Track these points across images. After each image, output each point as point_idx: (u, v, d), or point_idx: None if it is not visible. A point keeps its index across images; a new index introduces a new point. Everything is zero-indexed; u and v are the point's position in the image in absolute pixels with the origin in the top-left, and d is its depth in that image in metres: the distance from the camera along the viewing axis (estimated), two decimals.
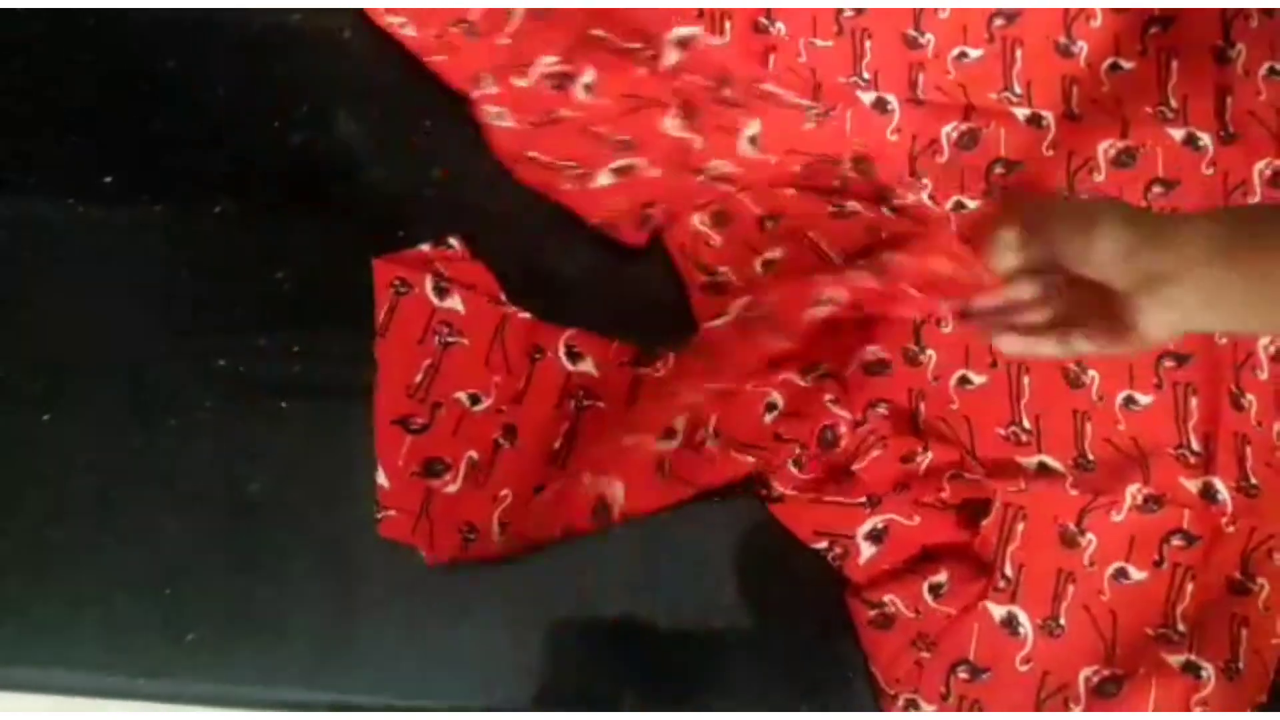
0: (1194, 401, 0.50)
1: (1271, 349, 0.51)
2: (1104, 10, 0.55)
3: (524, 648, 0.49)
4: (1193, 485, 0.49)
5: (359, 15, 0.55)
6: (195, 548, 0.49)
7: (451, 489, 0.50)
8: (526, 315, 0.52)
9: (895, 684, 0.48)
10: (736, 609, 0.50)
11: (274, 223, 0.53)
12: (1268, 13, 0.54)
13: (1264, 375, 0.51)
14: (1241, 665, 0.47)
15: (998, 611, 0.48)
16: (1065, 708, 0.47)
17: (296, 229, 0.53)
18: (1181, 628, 0.48)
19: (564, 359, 0.52)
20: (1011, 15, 0.55)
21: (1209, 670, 0.47)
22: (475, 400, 0.51)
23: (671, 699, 0.49)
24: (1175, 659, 0.47)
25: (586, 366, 0.52)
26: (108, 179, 0.53)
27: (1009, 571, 0.49)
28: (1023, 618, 0.48)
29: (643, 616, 0.49)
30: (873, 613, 0.49)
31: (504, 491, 0.50)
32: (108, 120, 0.53)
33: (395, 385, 0.50)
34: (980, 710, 0.48)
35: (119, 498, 0.49)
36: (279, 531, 0.50)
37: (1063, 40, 0.55)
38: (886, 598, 0.48)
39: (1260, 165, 0.53)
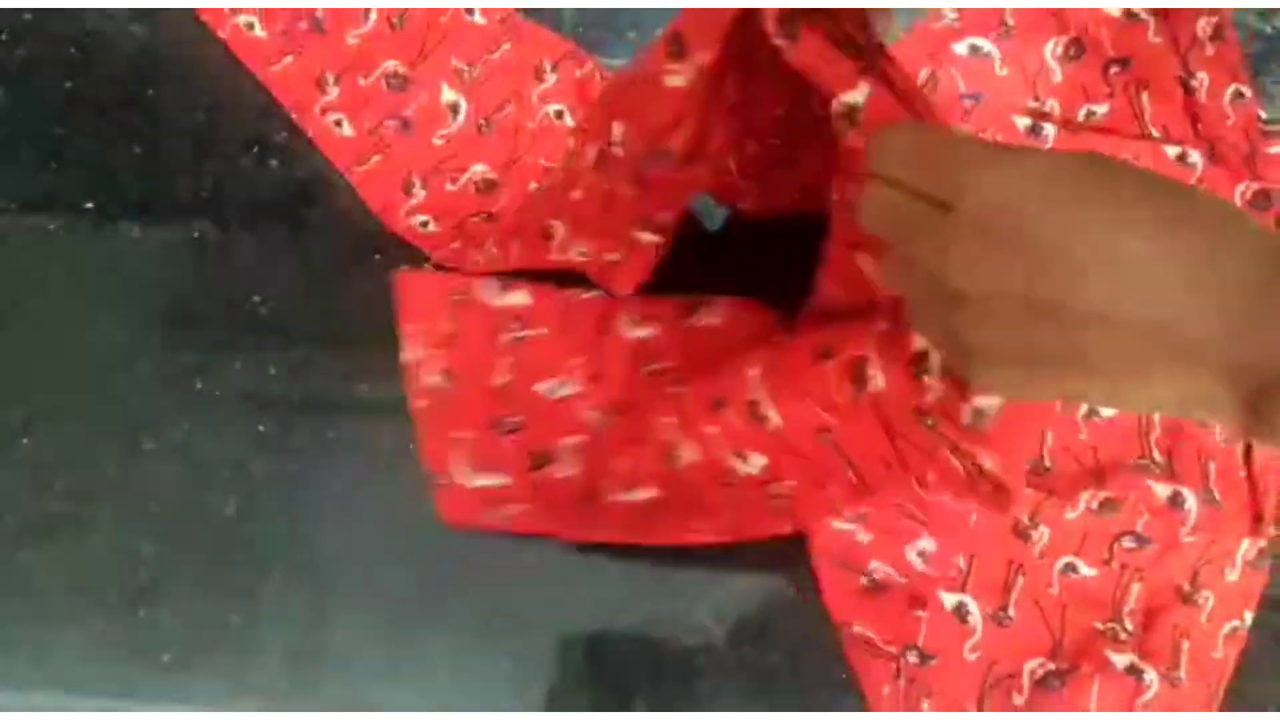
0: (1157, 414, 0.51)
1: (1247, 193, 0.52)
2: (1059, 62, 0.56)
3: (499, 663, 0.49)
4: (1162, 491, 0.50)
5: None
6: (171, 569, 0.50)
7: (567, 473, 0.51)
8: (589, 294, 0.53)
9: (895, 642, 0.49)
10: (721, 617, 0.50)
11: (251, 246, 0.53)
12: (1219, 37, 0.55)
13: None
14: (1182, 675, 0.48)
15: (949, 600, 0.49)
16: (1008, 698, 0.48)
17: (274, 253, 0.53)
18: (1129, 625, 0.49)
19: (625, 329, 0.52)
20: (977, 95, 0.56)
21: (1152, 675, 0.48)
22: (561, 387, 0.52)
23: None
24: (1120, 659, 0.48)
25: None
26: (88, 204, 0.53)
27: (960, 561, 0.49)
28: (973, 606, 0.49)
29: (625, 629, 0.50)
30: (863, 580, 0.49)
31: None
32: (87, 146, 0.54)
33: (476, 391, 0.51)
34: (927, 693, 0.49)
35: (95, 520, 0.50)
36: (254, 552, 0.50)
37: (1032, 103, 0.56)
38: (873, 564, 0.49)
39: (1240, 187, 0.54)
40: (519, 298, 0.52)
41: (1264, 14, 0.57)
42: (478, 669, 0.49)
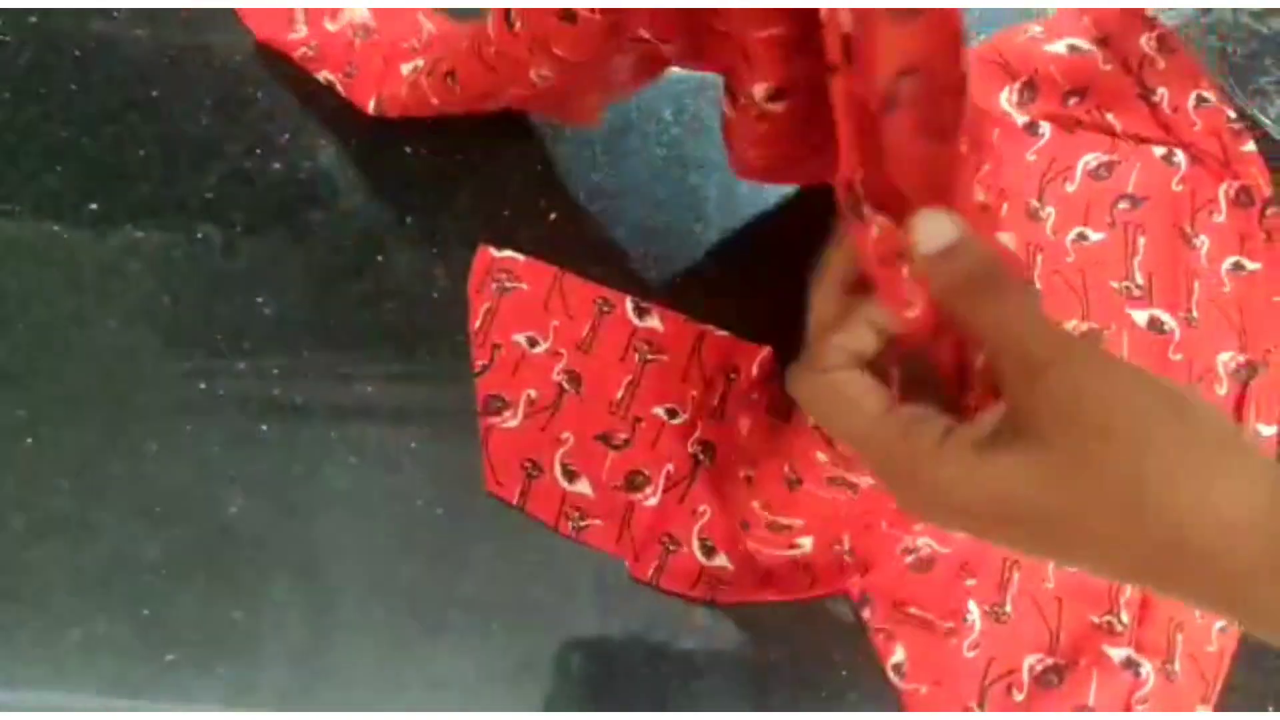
0: (1142, 240, 0.53)
1: (1233, 365, 0.53)
2: (1017, 108, 0.56)
3: (499, 663, 0.50)
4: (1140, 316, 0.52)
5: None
6: (174, 570, 0.50)
7: (511, 424, 0.52)
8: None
9: (951, 615, 0.50)
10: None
11: (255, 248, 0.54)
12: (1167, 49, 0.55)
13: (1220, 218, 0.54)
14: (1177, 668, 0.48)
15: None
16: (1008, 694, 0.49)
17: (277, 255, 0.54)
18: (1125, 617, 0.49)
19: (632, 314, 0.53)
20: None
21: (1148, 668, 0.48)
22: (533, 343, 0.53)
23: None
24: (1117, 652, 0.49)
25: (653, 322, 0.53)
26: (91, 205, 0.54)
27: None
28: (972, 604, 0.49)
29: (624, 629, 0.50)
30: (909, 560, 0.50)
31: (565, 434, 0.52)
32: (91, 148, 0.54)
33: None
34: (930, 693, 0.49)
35: (99, 521, 0.50)
36: (257, 553, 0.50)
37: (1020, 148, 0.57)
38: (920, 540, 0.50)
39: (1223, 186, 0.55)
40: (653, 322, 0.53)
41: (1259, 15, 0.57)
42: (478, 669, 0.50)
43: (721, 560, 0.51)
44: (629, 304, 0.53)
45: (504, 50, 0.42)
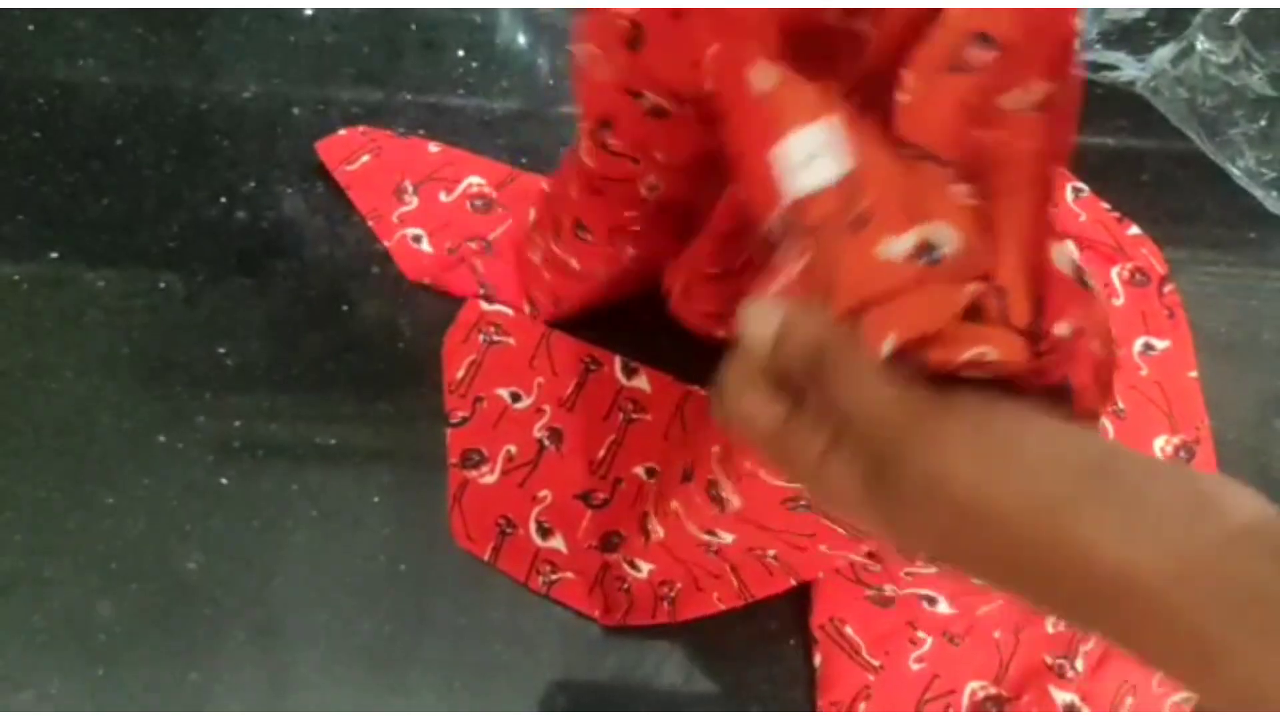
0: None
1: (1169, 449, 0.53)
2: None
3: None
4: None
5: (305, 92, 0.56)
6: (128, 628, 0.49)
7: (488, 479, 0.51)
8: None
9: (883, 656, 0.49)
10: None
11: (217, 298, 0.53)
12: None
13: (1119, 301, 0.54)
14: None
15: None
16: (944, 711, 0.48)
17: (239, 304, 0.53)
18: (1080, 665, 0.49)
19: (620, 373, 0.53)
20: None
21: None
22: (516, 398, 0.52)
23: None
24: (1061, 696, 0.48)
25: (640, 383, 0.53)
26: (52, 254, 0.53)
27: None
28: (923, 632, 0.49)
29: (591, 684, 0.49)
30: (870, 593, 0.50)
31: (543, 492, 0.51)
32: (52, 196, 0.54)
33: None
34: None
35: (52, 577, 0.49)
36: (214, 610, 0.49)
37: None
38: (887, 586, 0.49)
39: (1116, 269, 0.55)
40: (640, 382, 0.53)
41: (1228, 68, 0.58)
42: None
43: (649, 567, 0.49)
44: (618, 363, 0.53)
45: (607, 173, 0.42)
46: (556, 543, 0.50)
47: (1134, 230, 0.56)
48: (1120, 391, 0.53)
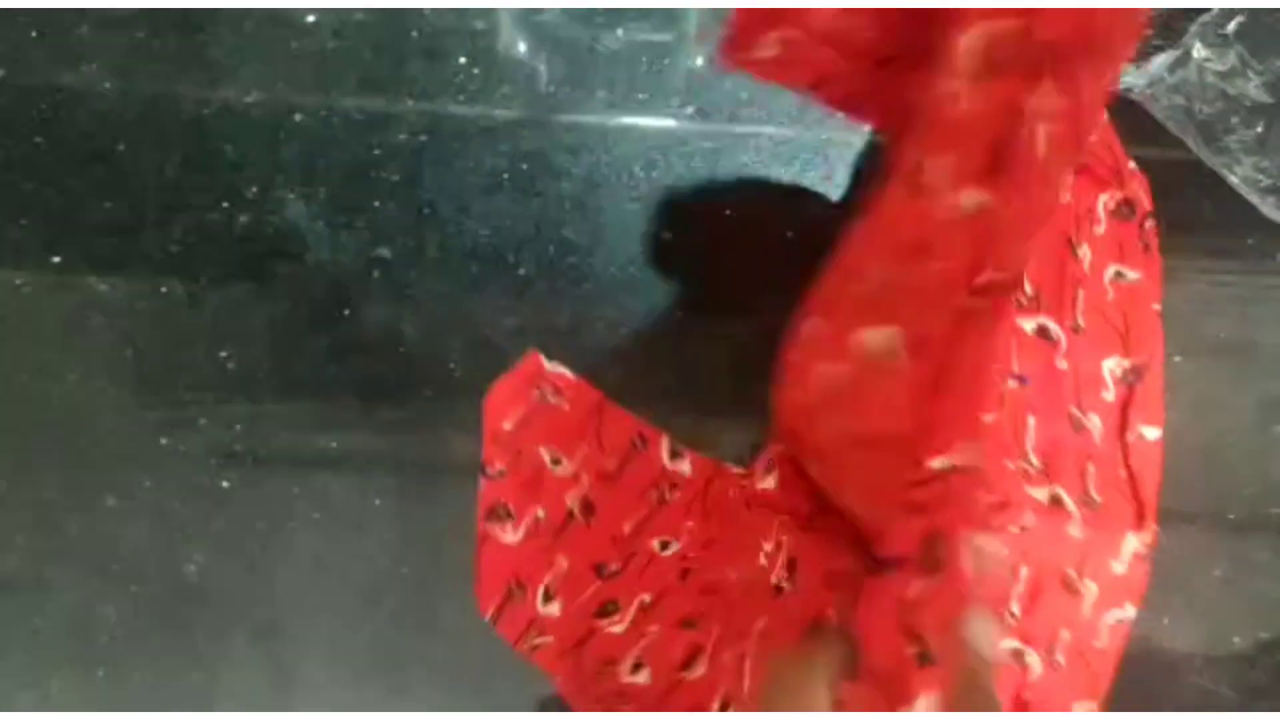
0: (1032, 421, 0.52)
1: (1118, 370, 0.53)
2: None
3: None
4: (1041, 495, 0.51)
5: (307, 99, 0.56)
6: (131, 630, 0.49)
7: (510, 539, 0.51)
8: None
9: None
10: None
11: (220, 302, 0.53)
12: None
13: (1100, 229, 0.54)
14: (1061, 660, 0.48)
15: None
16: None
17: (242, 308, 0.53)
18: (1015, 609, 0.49)
19: (665, 455, 0.52)
20: None
21: (1034, 657, 0.48)
22: (556, 462, 0.51)
23: None
24: (1006, 644, 0.48)
25: (682, 466, 0.52)
26: (55, 258, 0.53)
27: None
28: None
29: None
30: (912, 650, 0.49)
31: (561, 559, 0.51)
32: (55, 200, 0.54)
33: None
34: None
35: (55, 579, 0.49)
36: (216, 613, 0.49)
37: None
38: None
39: (1104, 197, 0.55)
40: (684, 465, 0.52)
41: (1226, 75, 0.58)
42: None
43: (644, 677, 0.50)
44: (664, 445, 0.53)
45: None
46: (554, 608, 0.50)
47: (1133, 166, 0.55)
48: (1083, 310, 0.54)
